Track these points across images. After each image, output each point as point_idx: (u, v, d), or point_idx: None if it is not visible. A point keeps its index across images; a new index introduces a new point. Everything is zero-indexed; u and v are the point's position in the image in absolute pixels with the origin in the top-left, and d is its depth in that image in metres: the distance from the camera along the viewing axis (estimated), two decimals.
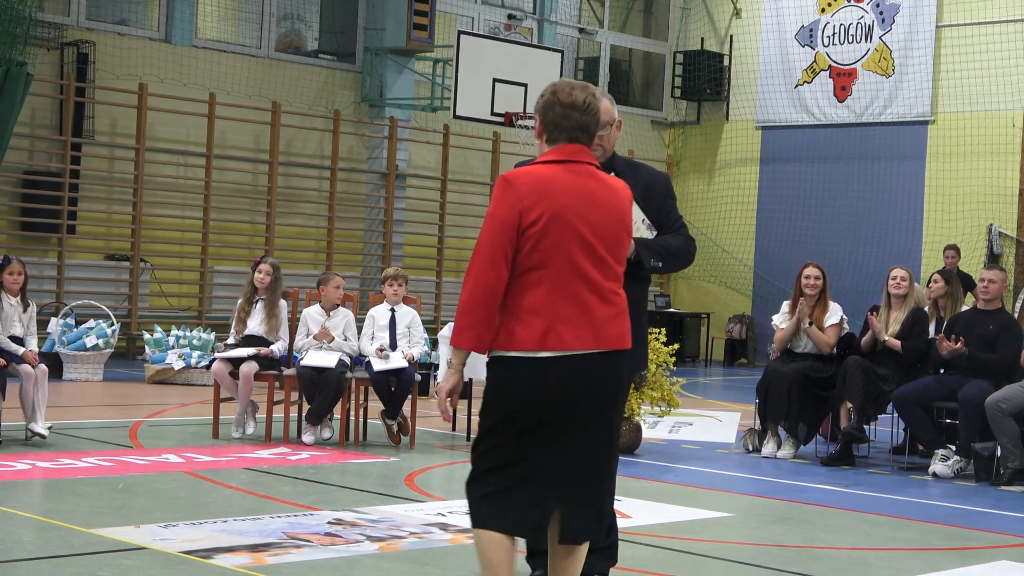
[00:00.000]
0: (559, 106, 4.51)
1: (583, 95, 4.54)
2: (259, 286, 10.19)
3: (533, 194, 4.39)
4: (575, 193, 4.44)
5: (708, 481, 9.04)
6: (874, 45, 21.04)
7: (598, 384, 4.44)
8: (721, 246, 22.45)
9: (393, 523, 6.89)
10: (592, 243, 4.43)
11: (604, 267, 4.46)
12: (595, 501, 4.56)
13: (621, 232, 4.54)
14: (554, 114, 4.52)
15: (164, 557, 5.87)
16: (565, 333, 4.38)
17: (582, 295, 4.41)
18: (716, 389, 17.37)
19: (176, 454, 9.05)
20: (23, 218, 16.38)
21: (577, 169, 4.50)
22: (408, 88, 19.43)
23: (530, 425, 4.40)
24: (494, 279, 4.37)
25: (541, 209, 4.38)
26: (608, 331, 4.44)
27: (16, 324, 9.21)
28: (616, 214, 4.51)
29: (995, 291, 9.74)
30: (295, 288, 11.16)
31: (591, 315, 4.42)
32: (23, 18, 14.94)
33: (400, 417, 9.92)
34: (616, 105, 5.54)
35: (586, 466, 4.49)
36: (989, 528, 7.69)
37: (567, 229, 4.40)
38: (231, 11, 18.94)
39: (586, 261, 4.42)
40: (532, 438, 4.41)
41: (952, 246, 15.59)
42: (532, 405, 4.39)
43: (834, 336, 10.19)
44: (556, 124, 4.52)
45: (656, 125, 23.50)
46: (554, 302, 4.38)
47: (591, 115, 4.54)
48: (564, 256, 4.39)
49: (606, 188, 4.52)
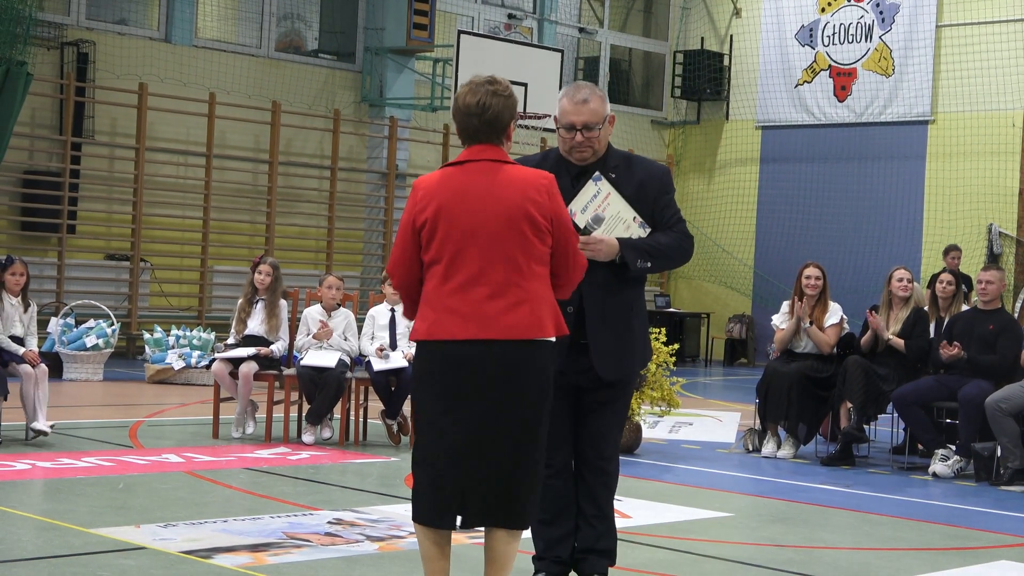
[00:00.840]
0: (459, 113, 4.73)
1: (475, 97, 4.69)
2: (259, 286, 10.19)
3: (426, 198, 4.65)
4: (459, 191, 4.64)
5: (708, 481, 9.04)
6: (874, 45, 21.04)
7: (482, 371, 4.58)
8: (721, 246, 22.44)
9: (393, 523, 6.89)
10: (479, 237, 4.60)
11: (497, 260, 4.60)
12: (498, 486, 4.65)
13: (514, 224, 4.62)
14: (458, 119, 4.75)
15: (164, 557, 5.87)
16: (449, 323, 4.60)
17: (469, 287, 4.60)
18: (716, 389, 17.37)
19: (176, 454, 9.05)
20: (23, 218, 16.38)
21: (471, 168, 4.69)
22: (408, 88, 19.43)
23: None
24: (402, 274, 4.76)
25: (431, 210, 4.64)
26: (500, 322, 4.58)
27: (17, 324, 9.22)
28: (504, 206, 4.62)
29: (993, 291, 9.74)
30: (295, 288, 11.16)
31: (479, 306, 4.59)
32: (23, 18, 14.94)
33: (400, 417, 9.93)
34: (615, 104, 5.56)
35: (491, 451, 4.61)
36: (989, 528, 7.69)
37: (450, 226, 4.61)
38: (231, 11, 18.94)
39: (475, 255, 4.59)
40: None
41: (955, 247, 15.52)
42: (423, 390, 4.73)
43: (834, 336, 10.19)
44: (460, 129, 4.76)
45: (656, 125, 23.50)
46: (442, 295, 4.63)
47: (488, 114, 4.69)
48: (451, 251, 4.60)
49: (498, 183, 4.65)
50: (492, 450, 4.58)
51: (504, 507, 4.62)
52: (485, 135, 4.71)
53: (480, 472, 4.58)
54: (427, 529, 4.63)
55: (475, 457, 4.57)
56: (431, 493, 4.60)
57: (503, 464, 4.59)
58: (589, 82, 5.94)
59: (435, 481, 4.59)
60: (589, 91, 5.37)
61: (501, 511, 4.62)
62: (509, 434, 4.60)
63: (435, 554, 4.64)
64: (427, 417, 4.68)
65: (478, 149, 4.71)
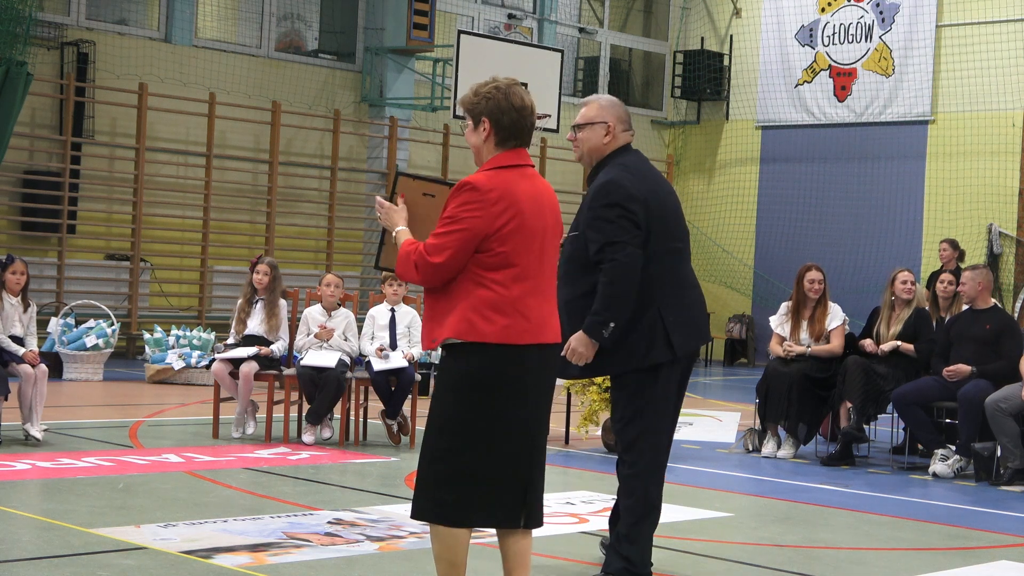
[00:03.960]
0: (513, 111, 4.61)
1: (528, 99, 4.69)
2: (258, 286, 10.19)
3: (502, 202, 4.55)
4: (531, 198, 4.62)
5: (708, 481, 9.04)
6: (874, 45, 21.04)
7: (543, 375, 4.73)
8: (721, 246, 22.45)
9: (393, 523, 6.89)
10: (541, 243, 4.65)
11: (548, 266, 4.69)
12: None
13: (557, 232, 4.75)
14: (509, 119, 4.61)
15: (164, 557, 5.87)
16: (522, 327, 4.60)
17: (534, 292, 4.64)
18: (716, 389, 17.37)
19: (176, 454, 9.05)
20: (23, 218, 16.38)
21: (529, 173, 4.69)
22: (408, 88, 19.44)
23: None
24: (449, 276, 4.61)
25: (509, 215, 4.55)
26: (552, 326, 4.70)
27: (16, 324, 9.21)
28: (552, 216, 4.72)
29: (966, 292, 9.70)
30: (295, 288, 11.16)
31: (540, 311, 4.68)
32: (23, 18, 14.94)
33: (400, 417, 9.93)
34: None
35: (541, 452, 4.72)
36: (989, 528, 7.69)
37: (528, 232, 4.59)
38: (231, 11, 18.94)
39: (537, 260, 4.64)
40: None
41: (948, 240, 15.14)
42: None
43: (839, 339, 10.16)
44: (509, 128, 4.62)
45: (656, 125, 23.51)
46: (512, 299, 4.60)
47: (534, 116, 4.72)
48: (524, 257, 4.59)
49: (545, 191, 4.72)
50: (542, 451, 4.70)
51: (542, 506, 4.75)
52: (529, 137, 4.69)
53: (536, 472, 4.66)
54: (466, 532, 4.58)
55: (534, 457, 4.64)
56: (492, 494, 4.55)
57: (544, 464, 4.73)
58: (609, 95, 6.02)
59: (498, 482, 4.56)
60: (595, 96, 5.67)
61: (542, 510, 4.74)
62: (546, 435, 4.77)
63: (465, 559, 4.61)
64: (487, 418, 4.55)
65: (525, 153, 4.70)
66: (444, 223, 4.54)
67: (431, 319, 4.62)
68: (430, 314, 4.63)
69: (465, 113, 4.70)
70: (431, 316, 4.62)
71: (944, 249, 14.64)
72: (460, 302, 4.54)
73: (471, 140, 4.69)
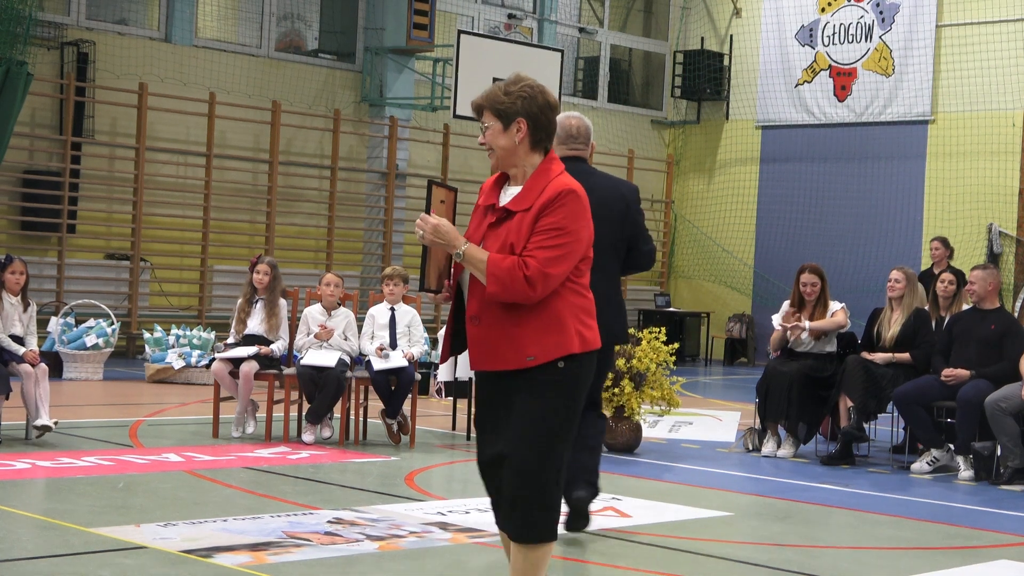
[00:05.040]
0: (550, 111, 4.47)
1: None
2: (258, 286, 10.19)
3: (588, 206, 4.49)
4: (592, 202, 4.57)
5: (708, 480, 9.04)
6: (874, 45, 21.04)
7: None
8: (721, 246, 22.45)
9: (393, 522, 6.89)
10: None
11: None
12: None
13: None
14: (547, 119, 4.46)
15: (164, 556, 5.87)
16: (596, 332, 4.56)
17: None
18: (716, 388, 17.37)
19: (176, 453, 9.05)
20: (23, 218, 16.37)
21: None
22: (408, 88, 19.43)
23: None
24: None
25: (590, 218, 4.50)
26: None
27: (16, 323, 9.22)
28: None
29: (978, 292, 9.70)
30: (295, 288, 11.16)
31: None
32: (23, 18, 14.94)
33: (400, 416, 9.93)
34: (615, 104, 5.75)
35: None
36: (989, 527, 7.69)
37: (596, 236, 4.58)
38: (231, 11, 18.94)
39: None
40: None
41: (939, 238, 14.93)
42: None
43: (841, 317, 10.18)
44: (548, 128, 4.49)
45: (656, 125, 23.50)
46: (589, 304, 4.53)
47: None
48: (591, 261, 4.54)
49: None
50: None
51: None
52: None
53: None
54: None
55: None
56: (560, 502, 4.52)
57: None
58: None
59: (563, 489, 4.55)
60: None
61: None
62: None
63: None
64: (575, 428, 4.48)
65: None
66: (553, 234, 4.29)
67: (529, 333, 4.34)
68: (519, 331, 4.34)
69: (493, 114, 4.41)
70: (527, 330, 4.34)
71: (936, 248, 14.64)
72: (564, 312, 4.36)
73: (500, 142, 4.40)
